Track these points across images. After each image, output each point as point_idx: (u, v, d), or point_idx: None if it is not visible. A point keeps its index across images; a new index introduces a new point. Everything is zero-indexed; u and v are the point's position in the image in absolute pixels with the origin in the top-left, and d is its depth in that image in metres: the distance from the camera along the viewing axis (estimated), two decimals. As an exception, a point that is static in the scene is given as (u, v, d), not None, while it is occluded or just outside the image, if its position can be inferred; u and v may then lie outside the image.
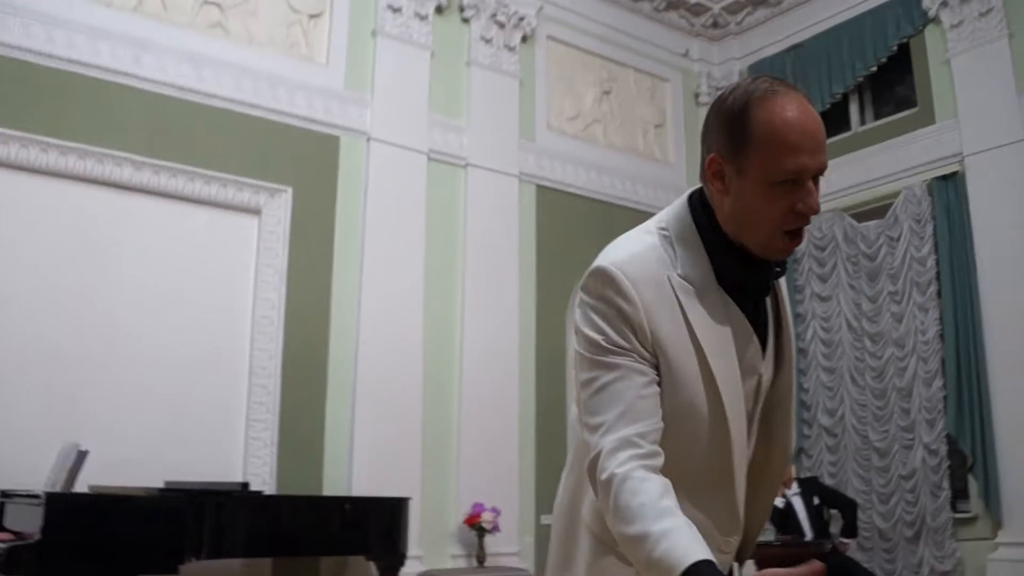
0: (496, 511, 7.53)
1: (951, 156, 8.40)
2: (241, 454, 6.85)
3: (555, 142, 9.04)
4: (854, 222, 8.97)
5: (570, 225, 8.86)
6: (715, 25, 10.15)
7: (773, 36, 9.92)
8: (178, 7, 7.25)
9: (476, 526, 7.49)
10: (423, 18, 8.24)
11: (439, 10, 8.39)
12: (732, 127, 1.85)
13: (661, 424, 1.79)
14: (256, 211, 7.31)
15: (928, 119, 8.68)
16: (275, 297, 7.21)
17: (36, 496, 5.07)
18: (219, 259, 7.14)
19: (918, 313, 8.40)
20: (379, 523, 6.06)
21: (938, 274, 8.34)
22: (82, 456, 5.44)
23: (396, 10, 8.10)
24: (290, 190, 7.42)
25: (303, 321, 7.25)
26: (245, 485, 5.96)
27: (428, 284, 7.86)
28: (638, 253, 1.89)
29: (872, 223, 8.86)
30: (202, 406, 6.72)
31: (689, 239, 1.90)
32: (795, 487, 8.22)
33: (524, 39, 8.84)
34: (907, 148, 8.73)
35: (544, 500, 8.18)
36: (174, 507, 5.27)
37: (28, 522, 5.11)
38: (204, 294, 6.99)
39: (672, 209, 1.98)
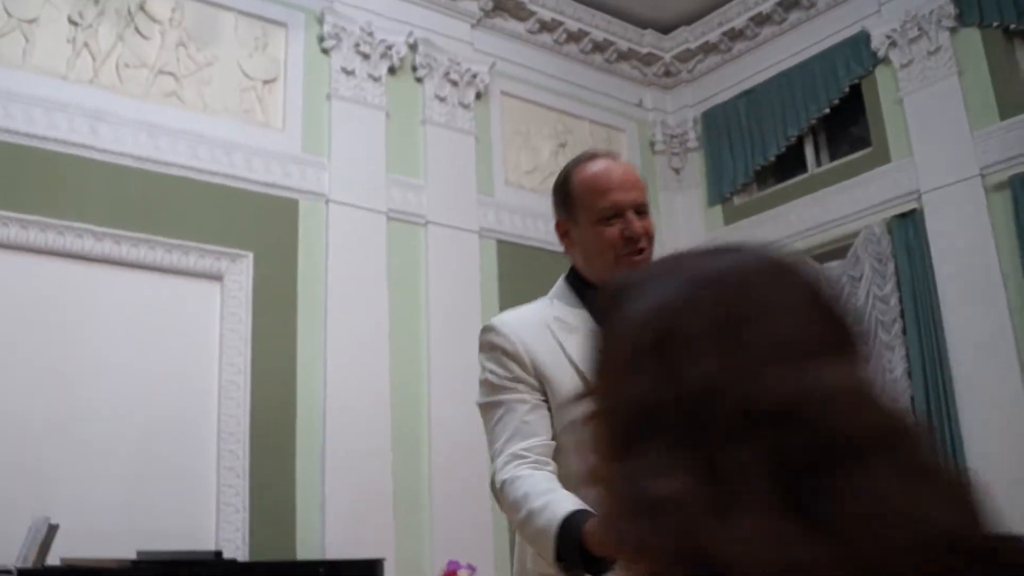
0: (472, 567, 7.59)
1: (908, 194, 8.58)
2: (213, 520, 6.89)
3: (514, 196, 9.21)
4: (816, 264, 9.07)
5: (533, 278, 8.84)
6: (667, 74, 10.41)
7: (725, 82, 10.17)
8: (133, 78, 7.39)
9: (452, 583, 7.56)
10: (376, 79, 8.42)
11: (392, 71, 8.57)
12: (561, 194, 2.53)
13: (548, 441, 2.14)
14: (218, 277, 7.41)
15: (884, 158, 8.87)
16: (240, 362, 7.29)
17: (8, 572, 5.10)
18: (183, 326, 7.23)
19: (884, 352, 8.55)
20: (354, 586, 6.12)
21: (902, 312, 8.48)
22: (53, 529, 5.48)
23: (349, 72, 8.28)
24: (251, 255, 7.52)
25: (269, 385, 7.34)
26: (219, 553, 6.02)
27: (393, 342, 7.96)
28: (519, 310, 2.50)
29: (834, 263, 8.98)
30: (172, 474, 6.78)
31: (565, 294, 2.50)
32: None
33: (478, 95, 9.03)
34: (864, 187, 8.89)
35: (518, 554, 8.25)
36: (146, 577, 5.31)
37: (-1, 598, 5.15)
38: (170, 361, 7.07)
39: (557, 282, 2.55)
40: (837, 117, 9.38)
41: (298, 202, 7.90)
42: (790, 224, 9.34)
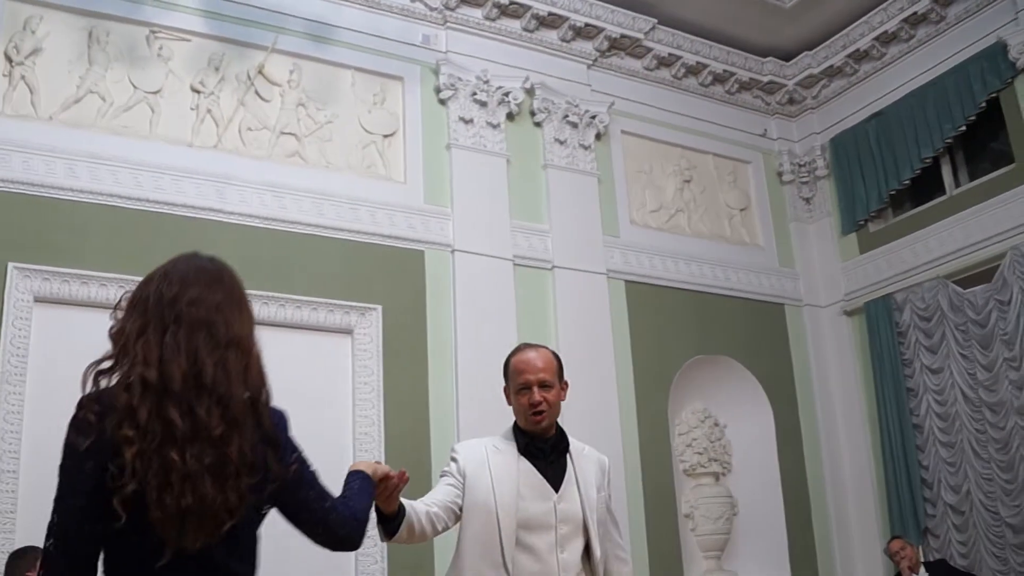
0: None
1: (1059, 210, 8.28)
2: (352, 573, 7.05)
3: (640, 236, 9.25)
4: (959, 288, 8.84)
5: (663, 318, 9.01)
6: (791, 102, 10.36)
7: (852, 106, 10.05)
8: (256, 141, 7.73)
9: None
10: (495, 127, 8.59)
11: (510, 117, 8.74)
12: (504, 370, 3.78)
13: (446, 500, 3.54)
14: (348, 331, 7.63)
15: (1029, 174, 8.56)
16: (374, 414, 7.47)
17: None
18: (316, 381, 7.43)
19: (1037, 378, 8.27)
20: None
21: (1056, 336, 8.18)
22: None
23: (468, 121, 8.48)
24: (380, 308, 7.73)
25: (403, 436, 7.48)
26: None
27: (524, 388, 8.00)
28: (473, 440, 3.82)
29: (979, 288, 8.71)
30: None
31: (506, 433, 3.73)
32: (923, 572, 8.10)
33: (598, 136, 9.13)
34: (1009, 206, 8.60)
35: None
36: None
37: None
38: (304, 417, 7.14)
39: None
40: (975, 134, 9.14)
41: (424, 253, 8.09)
42: (930, 249, 9.14)
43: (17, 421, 6.45)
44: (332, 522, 2.53)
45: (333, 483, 6.89)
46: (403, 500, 3.23)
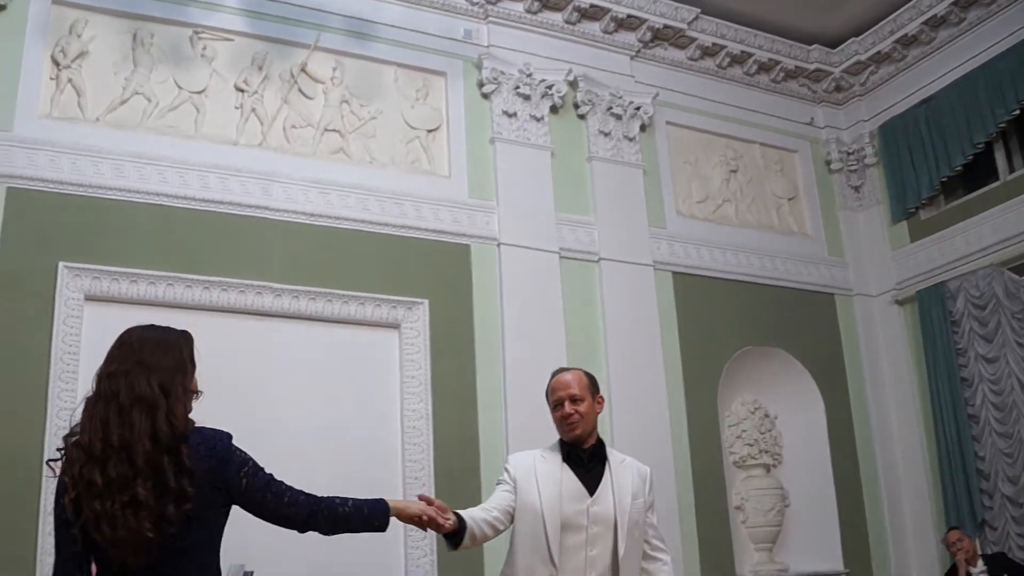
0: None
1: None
2: (402, 565, 7.16)
3: (686, 227, 9.26)
4: (1014, 275, 8.76)
5: (711, 309, 9.01)
6: (838, 89, 10.31)
7: (901, 92, 9.98)
8: (300, 138, 7.84)
9: (642, 622, 7.55)
10: (539, 120, 8.64)
11: (554, 110, 8.78)
12: (546, 394, 4.30)
13: (503, 504, 4.07)
14: (395, 325, 7.72)
15: (1085, 157, 8.43)
16: (422, 408, 7.55)
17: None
18: (364, 375, 7.56)
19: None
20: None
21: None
22: None
23: (511, 115, 8.53)
24: (426, 302, 7.81)
25: (451, 429, 7.56)
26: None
27: (573, 381, 8.04)
28: (522, 452, 4.29)
29: (1035, 276, 8.60)
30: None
31: (552, 446, 4.19)
32: (980, 564, 8.04)
33: (643, 128, 9.14)
34: (1065, 192, 8.43)
35: (710, 588, 8.24)
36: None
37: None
38: (352, 411, 7.39)
39: None
40: (1028, 118, 9.02)
41: (469, 247, 8.16)
42: (983, 236, 9.06)
43: (69, 418, 6.58)
44: (292, 514, 3.17)
45: (379, 478, 7.01)
46: (462, 513, 3.89)
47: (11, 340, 6.54)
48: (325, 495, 3.33)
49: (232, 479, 3.03)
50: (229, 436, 3.13)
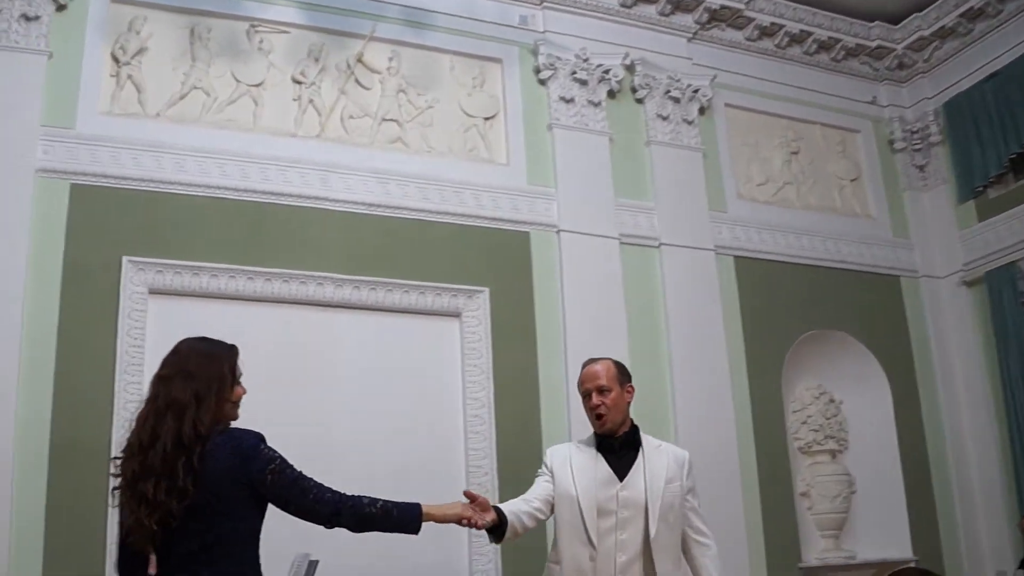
0: (725, 591, 7.56)
1: None
2: (466, 551, 7.21)
3: (747, 210, 9.18)
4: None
5: (774, 294, 8.94)
6: (901, 66, 10.15)
7: (967, 68, 9.76)
8: (358, 129, 7.89)
9: (714, 605, 7.53)
10: (596, 105, 8.61)
11: (611, 95, 8.74)
12: (577, 384, 4.51)
13: (543, 494, 4.27)
14: (456, 314, 7.75)
15: None
16: (484, 396, 7.58)
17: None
18: (426, 364, 7.61)
19: None
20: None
21: None
22: (313, 565, 5.84)
23: (568, 101, 8.51)
24: (487, 290, 7.83)
25: (514, 417, 7.58)
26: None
27: (634, 367, 7.95)
28: (559, 444, 4.55)
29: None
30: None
31: (588, 439, 4.36)
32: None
33: (702, 111, 9.08)
34: None
35: (778, 573, 8.20)
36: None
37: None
38: (415, 400, 7.44)
39: None
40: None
41: (529, 234, 8.16)
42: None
43: (135, 410, 6.68)
44: (317, 509, 3.39)
45: (442, 467, 7.05)
46: (502, 508, 4.12)
47: (78, 334, 6.65)
48: (355, 494, 3.54)
49: (256, 476, 3.28)
50: (258, 436, 3.40)
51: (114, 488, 3.31)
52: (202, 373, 3.38)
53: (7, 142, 6.77)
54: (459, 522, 3.92)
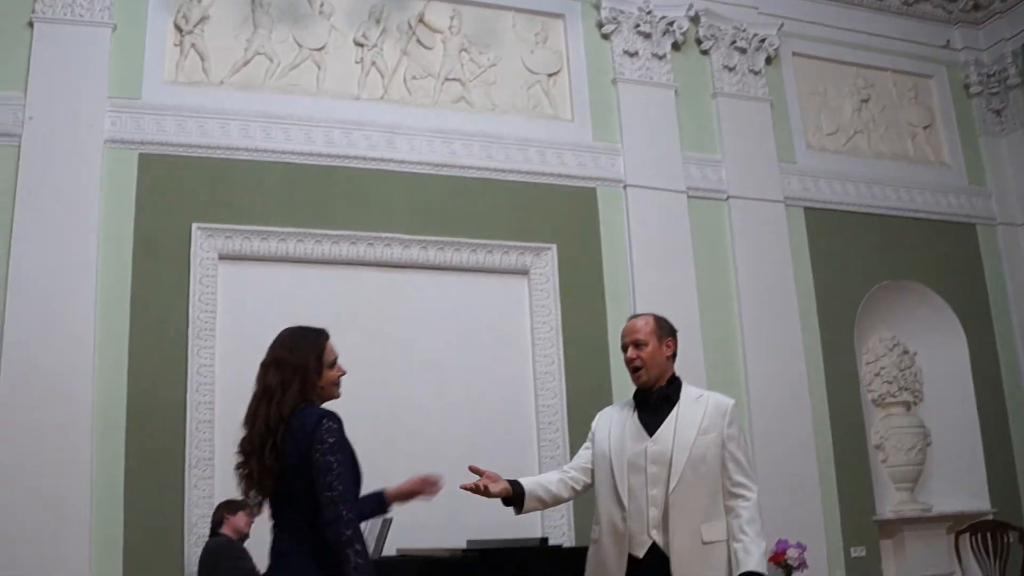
0: (802, 547, 7.45)
1: None
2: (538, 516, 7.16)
3: (817, 161, 8.97)
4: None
5: (846, 244, 8.74)
6: (976, 7, 9.77)
7: (1047, 6, 9.37)
8: (421, 89, 7.83)
9: (782, 564, 7.39)
10: (661, 58, 8.45)
11: (676, 47, 8.56)
12: None
13: (580, 462, 4.26)
14: (524, 271, 7.71)
15: None
16: (553, 353, 7.55)
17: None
18: (495, 322, 7.60)
19: None
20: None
21: None
22: (387, 523, 5.88)
23: (632, 54, 8.35)
24: (554, 247, 7.77)
25: (583, 373, 7.52)
26: (544, 540, 6.23)
27: (704, 321, 7.94)
28: (608, 407, 4.37)
29: None
30: (495, 466, 7.02)
31: (634, 395, 4.18)
32: None
33: (768, 60, 8.86)
34: None
35: (853, 531, 8.07)
36: (477, 565, 5.57)
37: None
38: (485, 357, 7.44)
39: None
40: None
41: (595, 190, 8.05)
42: None
43: (210, 374, 6.76)
44: (323, 510, 3.34)
45: (512, 425, 7.05)
46: (521, 481, 4.11)
47: (151, 302, 6.71)
48: (356, 535, 3.41)
49: (308, 451, 3.38)
50: (324, 414, 3.48)
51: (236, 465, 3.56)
52: (288, 361, 3.54)
53: (76, 115, 6.81)
54: (415, 493, 4.04)
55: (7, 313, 6.38)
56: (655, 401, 4.03)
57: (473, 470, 4.06)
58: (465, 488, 4.01)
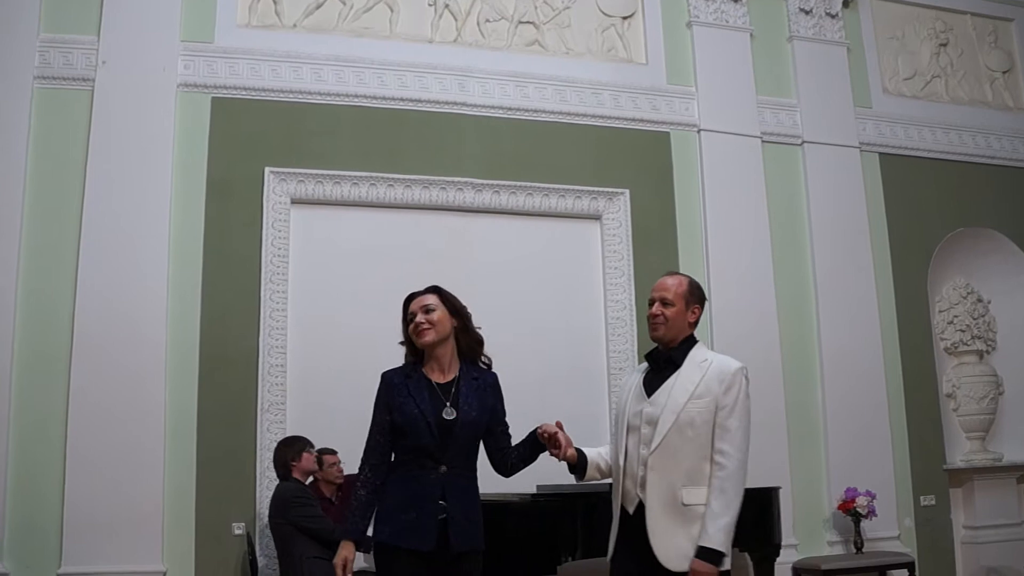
0: (871, 495, 7.23)
1: None
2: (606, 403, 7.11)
3: (894, 106, 8.55)
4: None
5: (921, 191, 8.38)
6: (1058, -51, 9.32)
7: None
8: (494, 32, 7.54)
9: (851, 511, 7.21)
10: (736, 1, 8.08)
11: (752, -11, 8.20)
12: None
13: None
14: (596, 216, 7.46)
15: None
16: (625, 298, 7.31)
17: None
18: (566, 267, 7.38)
19: None
20: (750, 514, 5.94)
21: None
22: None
23: (709, -3, 8.02)
24: (627, 192, 7.51)
25: (656, 320, 7.29)
26: (612, 485, 6.03)
27: (777, 268, 7.67)
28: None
29: None
30: (566, 413, 6.85)
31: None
32: None
33: (846, 3, 8.41)
34: None
35: (923, 480, 7.81)
36: (548, 510, 5.44)
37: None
38: (556, 303, 7.23)
39: None
40: None
41: (669, 134, 7.75)
42: None
43: (282, 318, 6.62)
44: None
45: (584, 368, 6.89)
46: (584, 450, 3.91)
47: (224, 245, 6.59)
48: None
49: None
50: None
51: None
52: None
53: (149, 59, 6.65)
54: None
55: (81, 259, 6.29)
56: (662, 363, 3.88)
57: (559, 426, 3.80)
58: (546, 433, 3.75)
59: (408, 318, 3.78)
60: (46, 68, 6.55)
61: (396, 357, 3.87)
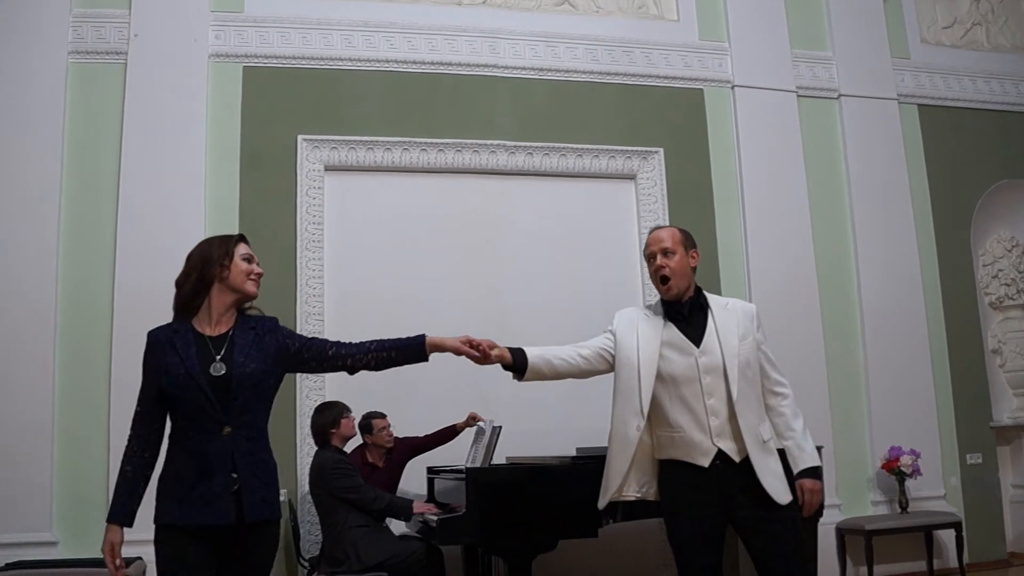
0: (916, 453, 7.15)
1: None
2: (644, 416, 6.94)
3: (933, 56, 8.38)
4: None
5: (962, 142, 8.22)
6: None
7: None
8: (524, -8, 7.49)
9: (895, 471, 7.12)
10: (769, -48, 7.96)
11: (783, -58, 8.04)
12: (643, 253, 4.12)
13: (597, 344, 4.00)
14: (631, 176, 7.39)
15: None
16: (661, 258, 7.25)
17: (460, 471, 5.41)
18: (602, 227, 7.33)
19: None
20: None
21: None
22: (497, 431, 5.72)
23: (738, -49, 7.87)
24: (661, 151, 7.43)
25: (692, 278, 7.23)
26: (653, 447, 5.99)
27: (816, 224, 7.56)
28: (629, 308, 4.15)
29: None
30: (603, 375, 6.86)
31: (655, 306, 4.00)
32: None
33: (881, -49, 8.31)
34: None
35: (969, 438, 7.69)
36: (587, 473, 5.40)
37: (455, 495, 5.46)
38: (591, 264, 7.18)
39: None
40: None
41: (703, 91, 7.65)
42: None
43: (319, 285, 6.63)
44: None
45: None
46: (528, 351, 3.93)
47: (259, 213, 6.59)
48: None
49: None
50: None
51: None
52: (191, 256, 3.51)
53: (181, 30, 6.67)
54: (458, 352, 3.73)
55: (119, 229, 6.34)
56: (688, 312, 3.89)
57: (467, 340, 3.76)
58: (460, 353, 3.74)
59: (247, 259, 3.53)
60: (80, 42, 6.59)
61: (432, 322, 3.91)
